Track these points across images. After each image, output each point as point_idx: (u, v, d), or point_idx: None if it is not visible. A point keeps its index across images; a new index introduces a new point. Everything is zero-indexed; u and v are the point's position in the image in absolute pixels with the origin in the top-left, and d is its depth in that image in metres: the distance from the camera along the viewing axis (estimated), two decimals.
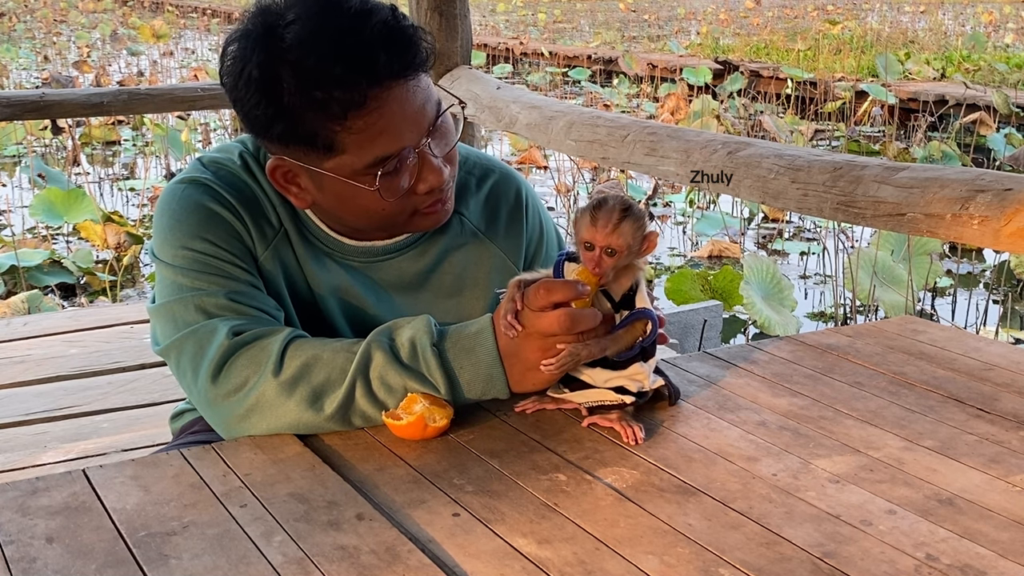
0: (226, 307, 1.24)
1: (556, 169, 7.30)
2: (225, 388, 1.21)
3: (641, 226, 1.17)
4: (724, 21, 22.47)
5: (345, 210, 1.28)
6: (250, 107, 1.22)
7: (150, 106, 3.98)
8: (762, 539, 0.98)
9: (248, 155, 1.34)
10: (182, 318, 1.24)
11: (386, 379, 1.19)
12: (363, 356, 1.19)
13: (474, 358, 1.20)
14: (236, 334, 1.21)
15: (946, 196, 1.82)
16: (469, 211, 1.43)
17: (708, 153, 2.36)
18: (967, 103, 9.54)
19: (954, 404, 1.31)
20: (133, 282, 5.53)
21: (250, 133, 1.28)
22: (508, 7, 28.55)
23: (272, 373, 1.19)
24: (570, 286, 1.15)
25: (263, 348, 1.20)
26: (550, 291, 1.15)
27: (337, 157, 1.22)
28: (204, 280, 1.25)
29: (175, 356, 1.26)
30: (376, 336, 1.22)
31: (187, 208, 1.28)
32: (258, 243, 1.30)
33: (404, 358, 1.20)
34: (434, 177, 1.26)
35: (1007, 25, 19.98)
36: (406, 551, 0.96)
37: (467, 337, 1.21)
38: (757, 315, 4.42)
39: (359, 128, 1.20)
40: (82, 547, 0.98)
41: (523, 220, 1.46)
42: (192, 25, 25.16)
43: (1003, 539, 0.99)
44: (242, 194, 1.30)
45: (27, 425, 2.45)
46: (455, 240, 1.41)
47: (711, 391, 1.34)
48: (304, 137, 1.21)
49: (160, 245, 1.29)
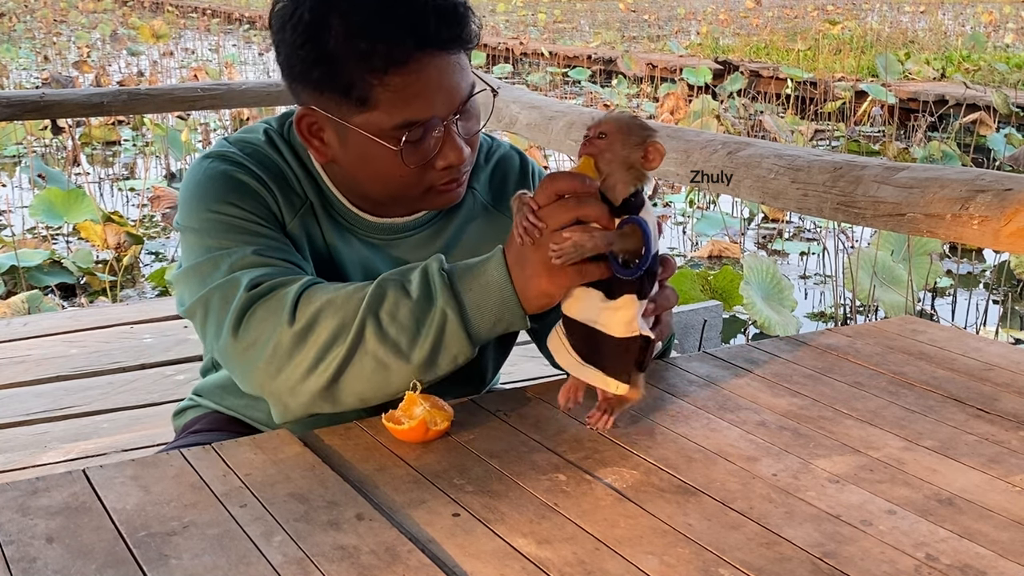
0: (252, 262, 1.24)
1: (556, 169, 7.29)
2: (245, 342, 1.21)
3: (642, 126, 1.14)
4: (724, 21, 22.48)
5: (363, 172, 1.29)
6: (293, 49, 1.24)
7: (150, 106, 3.98)
8: (762, 539, 0.99)
9: (273, 132, 1.37)
10: (209, 275, 1.25)
11: (397, 315, 1.18)
12: (374, 294, 1.19)
13: (484, 279, 1.18)
14: (255, 286, 1.21)
15: (946, 196, 1.82)
16: (480, 185, 1.45)
17: (708, 153, 2.37)
18: (967, 103, 9.54)
19: (954, 404, 1.31)
20: (133, 282, 5.53)
21: (286, 78, 1.29)
22: (508, 7, 28.55)
23: (287, 323, 1.19)
24: (575, 176, 1.13)
25: (279, 298, 1.20)
26: (554, 180, 1.13)
27: (368, 113, 1.23)
28: (230, 239, 1.26)
29: (201, 312, 1.26)
30: (388, 275, 1.21)
31: (212, 178, 1.29)
32: (285, 211, 1.31)
33: (413, 290, 1.19)
34: (455, 155, 1.27)
35: (1007, 25, 19.98)
36: (406, 551, 0.96)
37: (477, 263, 1.20)
38: (757, 315, 4.42)
39: (396, 86, 1.21)
40: (82, 547, 0.98)
41: (531, 190, 1.47)
42: (192, 25, 25.16)
43: (1003, 539, 0.99)
44: (268, 168, 1.32)
45: (27, 425, 2.45)
46: (469, 215, 1.43)
47: (711, 391, 1.34)
48: (340, 86, 1.22)
49: (186, 213, 1.29)
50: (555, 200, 1.12)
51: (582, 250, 1.11)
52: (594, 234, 1.11)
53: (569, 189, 1.12)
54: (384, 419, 1.19)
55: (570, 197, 1.12)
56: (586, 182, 1.12)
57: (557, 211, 1.12)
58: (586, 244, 1.11)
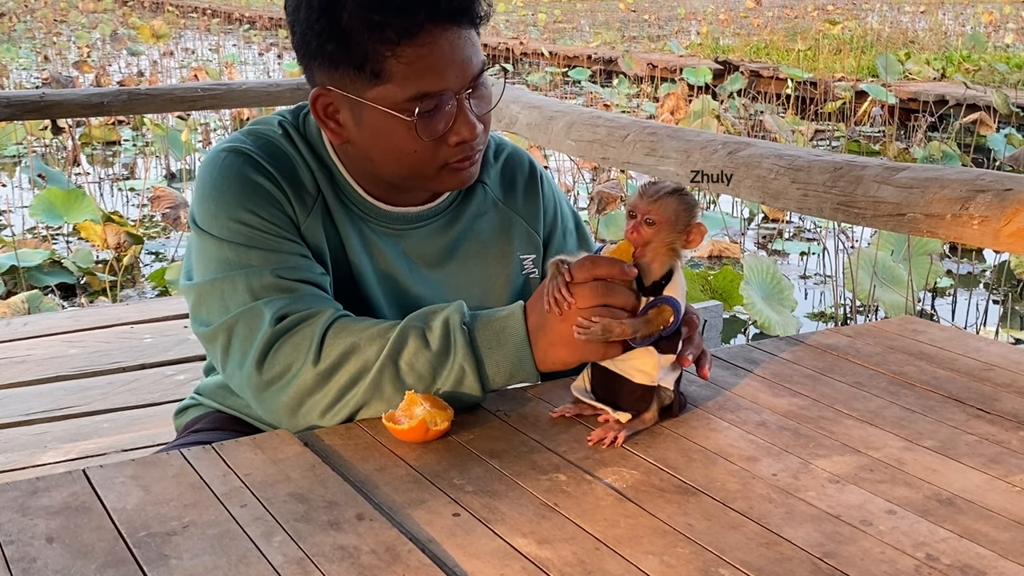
0: (273, 286, 1.26)
1: (556, 169, 7.30)
2: (269, 375, 1.24)
3: (689, 210, 1.17)
4: (724, 21, 22.48)
5: (377, 150, 1.30)
6: (307, 27, 1.26)
7: (150, 106, 3.98)
8: (762, 539, 0.98)
9: (288, 124, 1.38)
10: (232, 299, 1.26)
11: (415, 364, 1.21)
12: (395, 342, 1.22)
13: (503, 337, 1.22)
14: (280, 319, 1.24)
15: (946, 196, 1.82)
16: (490, 181, 1.47)
17: (708, 153, 2.36)
18: (967, 103, 9.53)
19: (954, 404, 1.31)
20: (133, 282, 5.53)
21: (302, 60, 1.31)
22: (508, 7, 28.56)
23: (312, 362, 1.22)
24: (615, 263, 1.17)
25: (305, 335, 1.23)
26: (595, 264, 1.17)
27: (382, 86, 1.25)
28: (252, 255, 1.27)
29: (223, 340, 1.27)
30: (410, 320, 1.24)
31: (229, 178, 1.30)
32: (299, 211, 1.32)
33: (433, 341, 1.22)
34: (467, 130, 1.29)
35: (1007, 25, 19.98)
36: (406, 551, 0.96)
37: (498, 319, 1.23)
38: (757, 315, 4.42)
39: (409, 58, 1.23)
40: (82, 547, 0.98)
41: (539, 190, 1.51)
42: (192, 25, 25.16)
43: (1003, 539, 0.99)
44: (280, 163, 1.33)
45: (27, 425, 2.45)
46: (480, 208, 1.45)
47: (711, 391, 1.34)
48: (355, 60, 1.24)
49: (205, 217, 1.30)
50: (591, 280, 1.16)
51: (608, 335, 1.16)
52: (623, 321, 1.16)
53: (608, 276, 1.16)
54: (384, 419, 1.19)
55: (605, 280, 1.16)
56: (625, 270, 1.16)
57: (589, 293, 1.16)
58: (614, 330, 1.16)
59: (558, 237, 1.52)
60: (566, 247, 1.52)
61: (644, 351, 1.19)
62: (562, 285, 1.17)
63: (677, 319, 1.18)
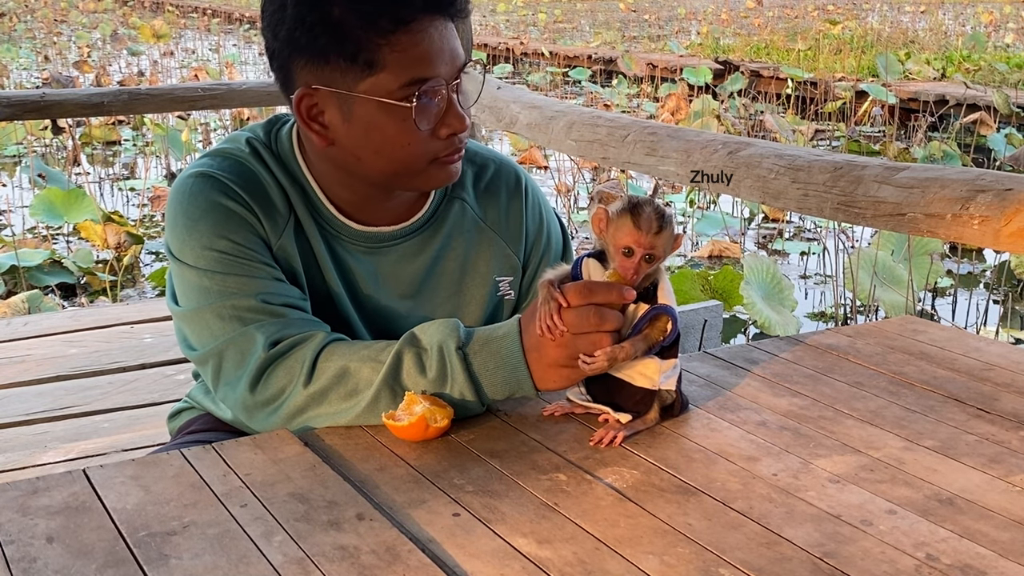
0: (259, 310, 1.26)
1: (556, 169, 7.30)
2: (262, 397, 1.26)
3: (674, 231, 1.18)
4: (724, 21, 22.48)
5: (367, 147, 1.28)
6: (295, 23, 1.25)
7: (150, 106, 3.97)
8: (762, 539, 0.98)
9: (257, 141, 1.37)
10: (218, 326, 1.27)
11: (413, 389, 1.22)
12: (391, 367, 1.22)
13: (499, 359, 1.22)
14: (274, 344, 1.25)
15: (946, 196, 1.82)
16: (470, 198, 1.45)
17: (708, 153, 2.36)
18: (967, 103, 9.54)
19: (954, 404, 1.31)
20: (133, 282, 5.53)
21: (282, 60, 1.29)
22: (508, 7, 28.56)
23: (303, 384, 1.23)
24: (613, 288, 1.16)
25: (297, 358, 1.24)
26: (592, 291, 1.16)
27: (374, 76, 1.24)
28: (231, 282, 1.27)
29: (214, 363, 1.28)
30: (404, 344, 1.24)
31: (200, 206, 1.29)
32: (270, 232, 1.32)
33: (429, 369, 1.22)
34: (457, 122, 1.29)
35: (1007, 25, 19.98)
36: (406, 551, 0.96)
37: (494, 340, 1.22)
38: (757, 315, 4.42)
39: (402, 45, 1.23)
40: (82, 547, 0.98)
41: (522, 208, 1.47)
42: (192, 25, 25.16)
43: (1003, 539, 0.99)
44: (249, 183, 1.32)
45: (27, 425, 2.45)
46: (457, 227, 1.43)
47: (711, 391, 1.34)
48: (347, 52, 1.24)
49: (180, 247, 1.30)
50: (585, 306, 1.16)
51: (613, 363, 1.16)
52: (624, 345, 1.16)
53: (606, 302, 1.16)
54: (384, 417, 1.19)
55: (598, 305, 1.16)
56: (624, 294, 1.16)
57: (582, 321, 1.16)
58: (618, 357, 1.16)
59: (537, 263, 1.47)
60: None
61: (647, 358, 1.19)
62: (554, 311, 1.16)
63: (675, 325, 1.19)
